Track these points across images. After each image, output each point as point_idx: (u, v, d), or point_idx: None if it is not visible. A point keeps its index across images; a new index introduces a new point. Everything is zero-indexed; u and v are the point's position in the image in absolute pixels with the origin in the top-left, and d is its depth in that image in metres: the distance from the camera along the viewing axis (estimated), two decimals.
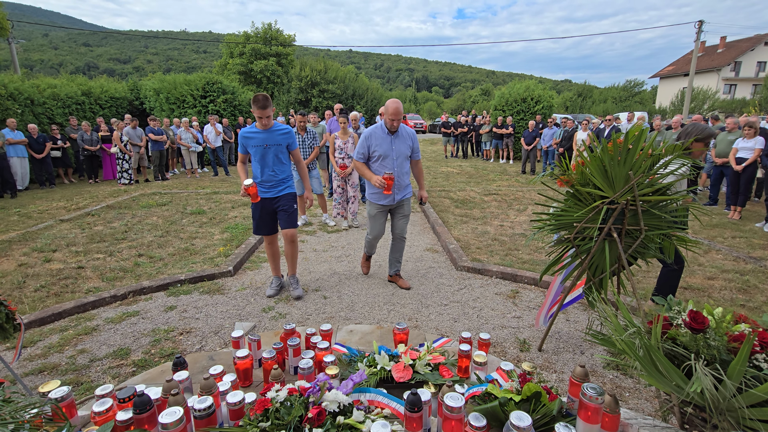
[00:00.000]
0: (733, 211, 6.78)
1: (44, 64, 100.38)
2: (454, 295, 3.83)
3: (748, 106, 24.93)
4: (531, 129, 11.78)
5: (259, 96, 3.31)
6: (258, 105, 3.32)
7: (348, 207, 6.10)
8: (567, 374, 2.63)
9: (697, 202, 2.86)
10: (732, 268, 4.41)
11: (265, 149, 3.50)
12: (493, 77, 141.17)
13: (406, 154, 3.69)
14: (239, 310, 3.55)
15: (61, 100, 11.26)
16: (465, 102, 52.21)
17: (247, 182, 3.27)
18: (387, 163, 3.62)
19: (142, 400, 1.53)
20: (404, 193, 3.78)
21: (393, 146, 3.63)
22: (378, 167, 3.65)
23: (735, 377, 1.29)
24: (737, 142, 6.78)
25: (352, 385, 1.73)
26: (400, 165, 3.65)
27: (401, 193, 3.75)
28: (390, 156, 3.62)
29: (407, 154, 3.71)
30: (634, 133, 2.23)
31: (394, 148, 3.63)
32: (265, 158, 3.53)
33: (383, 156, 3.61)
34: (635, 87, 43.24)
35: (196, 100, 13.45)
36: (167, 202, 7.73)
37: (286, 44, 27.11)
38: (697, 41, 22.76)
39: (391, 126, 3.55)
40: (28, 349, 2.92)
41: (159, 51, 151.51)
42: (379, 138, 3.62)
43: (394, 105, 3.48)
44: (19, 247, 5.06)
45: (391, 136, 3.63)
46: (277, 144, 3.52)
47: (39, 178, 9.48)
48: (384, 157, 3.62)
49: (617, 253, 2.40)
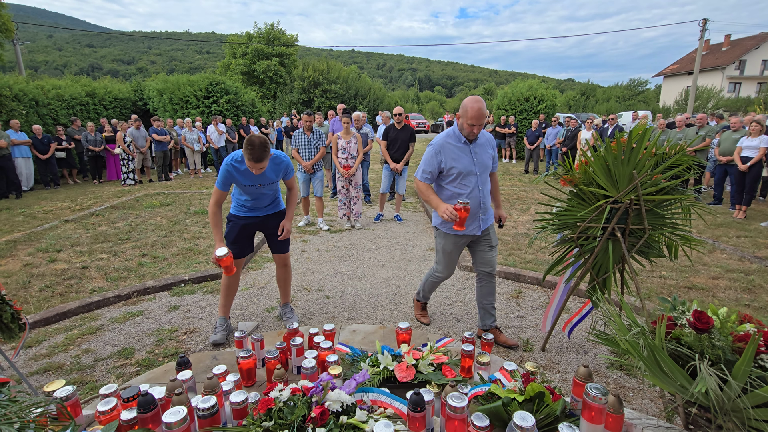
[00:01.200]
0: (738, 210, 6.73)
1: (49, 66, 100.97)
2: (456, 295, 3.83)
3: (753, 105, 24.76)
4: (534, 128, 11.75)
5: (255, 141, 2.49)
6: (253, 156, 2.50)
7: (351, 207, 6.10)
8: (570, 374, 2.63)
9: (701, 201, 2.84)
10: (737, 268, 4.38)
11: (259, 188, 2.86)
12: (495, 76, 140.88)
13: (488, 166, 2.80)
14: (242, 309, 3.56)
15: (65, 101, 11.33)
16: None
17: (221, 252, 2.62)
18: (469, 182, 2.70)
19: (146, 400, 1.54)
20: (489, 218, 2.90)
21: (475, 159, 2.71)
22: (456, 188, 2.72)
23: (740, 377, 1.29)
24: (742, 140, 6.74)
25: (355, 384, 1.73)
26: (483, 182, 2.76)
27: (487, 217, 2.85)
28: (473, 172, 2.70)
29: (490, 166, 2.81)
30: (638, 132, 2.23)
31: (477, 161, 2.71)
32: (256, 196, 2.93)
33: (464, 173, 2.68)
34: (639, 86, 43.07)
35: (200, 100, 13.49)
36: (171, 202, 7.76)
37: (288, 44, 27.16)
38: (702, 39, 22.63)
39: (470, 133, 2.64)
40: (33, 349, 2.94)
41: (162, 52, 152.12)
42: (453, 150, 2.69)
43: (477, 105, 2.53)
44: (24, 247, 5.09)
45: (470, 146, 2.72)
46: (271, 182, 2.88)
47: (44, 178, 9.53)
48: (465, 175, 2.69)
49: (621, 253, 2.39)
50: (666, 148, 2.35)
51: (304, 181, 5.93)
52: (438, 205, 2.61)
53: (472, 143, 2.72)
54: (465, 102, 2.58)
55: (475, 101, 2.54)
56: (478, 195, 2.71)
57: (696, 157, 2.42)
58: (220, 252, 2.64)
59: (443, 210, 2.52)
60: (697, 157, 2.43)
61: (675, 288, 3.90)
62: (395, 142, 6.27)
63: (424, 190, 2.75)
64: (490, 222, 2.90)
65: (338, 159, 5.82)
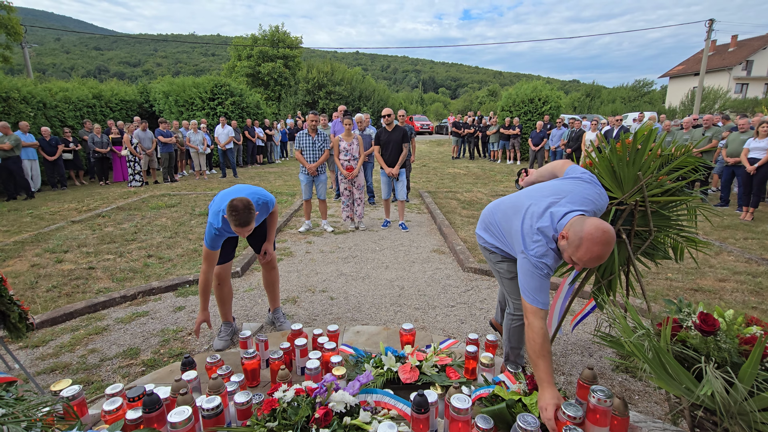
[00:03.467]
0: (745, 212, 6.67)
1: (56, 68, 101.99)
2: (461, 297, 3.82)
3: (761, 106, 24.53)
4: (539, 130, 11.72)
5: (237, 206, 2.29)
6: (240, 222, 2.31)
7: (354, 209, 6.11)
8: (575, 377, 2.61)
9: (707, 203, 2.82)
10: (744, 270, 4.34)
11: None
12: (500, 78, 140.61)
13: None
14: (247, 310, 3.57)
15: (72, 104, 11.44)
16: (472, 103, 52.02)
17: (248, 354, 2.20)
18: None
19: (152, 400, 1.55)
20: None
21: None
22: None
23: (746, 380, 1.28)
24: (749, 142, 6.68)
25: (358, 386, 1.73)
26: None
27: None
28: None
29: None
30: (643, 133, 2.22)
31: None
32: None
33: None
34: (644, 87, 42.81)
35: (205, 102, 13.58)
36: (176, 203, 7.81)
37: (293, 46, 27.28)
38: (708, 40, 22.47)
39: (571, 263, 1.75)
40: (40, 349, 2.96)
41: (168, 54, 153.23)
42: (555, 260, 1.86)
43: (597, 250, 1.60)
44: (31, 248, 5.14)
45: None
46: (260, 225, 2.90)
47: (51, 180, 9.62)
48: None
49: (626, 255, 2.38)
50: (672, 149, 2.33)
51: (307, 184, 5.79)
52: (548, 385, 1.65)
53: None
54: (586, 235, 1.62)
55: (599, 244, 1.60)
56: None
57: (702, 159, 2.41)
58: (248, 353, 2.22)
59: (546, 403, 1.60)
60: (703, 159, 2.42)
61: (681, 290, 3.87)
62: (387, 145, 5.88)
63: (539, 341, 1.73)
64: None
65: (340, 161, 5.80)
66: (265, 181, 10.71)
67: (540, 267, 1.78)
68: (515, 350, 2.41)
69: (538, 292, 1.78)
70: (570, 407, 1.48)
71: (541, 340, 1.72)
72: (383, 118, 5.97)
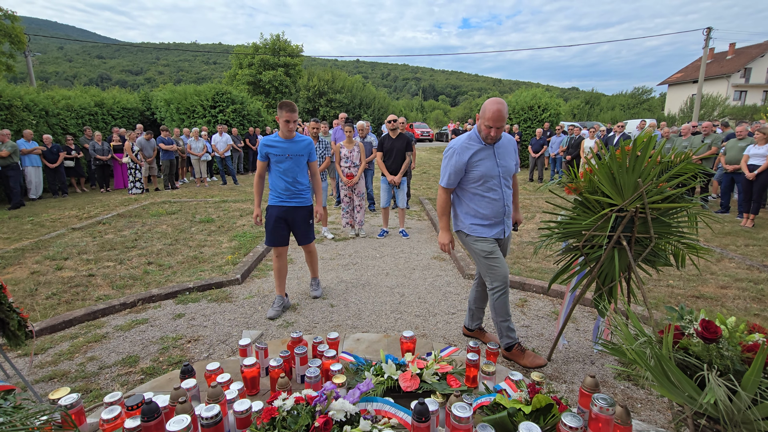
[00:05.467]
0: (745, 219, 6.67)
1: (59, 76, 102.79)
2: (461, 304, 3.80)
3: (760, 113, 24.63)
4: (538, 137, 11.76)
5: (285, 101, 3.39)
6: (288, 108, 3.37)
7: (354, 216, 6.11)
8: (577, 384, 2.59)
9: (707, 209, 2.82)
10: (745, 277, 4.33)
11: (287, 159, 3.48)
12: (499, 85, 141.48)
13: (512, 170, 2.76)
14: (247, 318, 3.56)
15: (74, 111, 11.52)
16: (472, 110, 52.21)
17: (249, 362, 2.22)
18: (493, 185, 2.65)
19: (150, 408, 1.54)
20: (510, 224, 2.85)
21: (498, 161, 2.66)
22: (480, 191, 2.66)
23: (750, 388, 1.27)
24: (748, 148, 6.70)
25: (359, 394, 1.72)
26: (507, 186, 2.74)
27: (510, 222, 2.83)
28: (496, 175, 2.65)
29: (513, 169, 2.77)
30: (643, 140, 2.22)
31: (500, 164, 2.67)
32: (285, 168, 3.50)
33: (487, 176, 2.63)
34: (643, 94, 43.02)
35: (206, 110, 13.66)
36: (176, 210, 7.82)
37: (294, 55, 27.51)
38: (706, 48, 22.65)
39: (487, 136, 2.56)
40: (39, 356, 2.95)
41: (170, 62, 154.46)
42: (474, 152, 2.63)
43: (496, 107, 2.44)
44: (32, 255, 5.14)
45: (493, 148, 2.66)
46: (298, 154, 3.52)
47: (52, 187, 9.65)
48: (488, 178, 2.64)
49: (627, 262, 2.38)
50: (671, 156, 2.34)
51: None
52: (443, 229, 2.83)
53: (494, 145, 2.65)
54: (485, 103, 2.50)
55: (495, 103, 2.45)
56: (502, 198, 2.67)
57: (702, 165, 2.41)
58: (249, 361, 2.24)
59: (443, 241, 2.85)
60: (703, 166, 2.42)
61: (682, 297, 3.86)
62: (390, 153, 5.86)
63: (441, 203, 2.79)
64: (511, 229, 2.84)
65: (341, 168, 5.83)
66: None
67: (448, 153, 2.71)
68: (504, 323, 2.74)
69: (444, 174, 2.73)
70: (570, 417, 1.47)
71: (442, 200, 2.80)
72: (388, 124, 5.92)
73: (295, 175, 3.54)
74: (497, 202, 2.66)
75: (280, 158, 3.48)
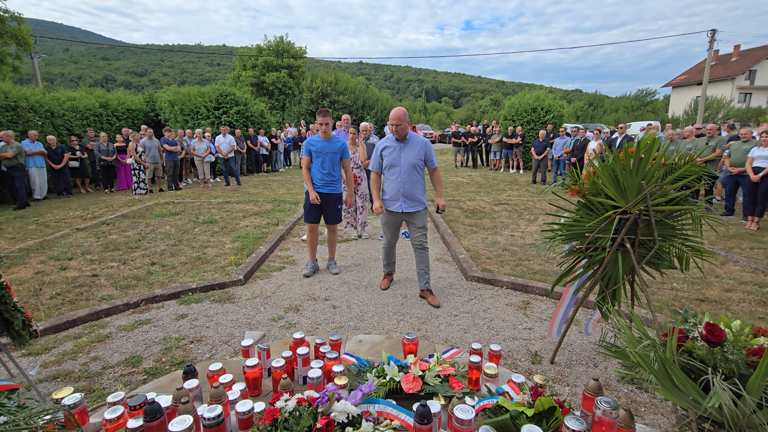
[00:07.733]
0: (750, 222, 6.62)
1: (64, 78, 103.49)
2: (464, 306, 3.80)
3: (765, 115, 24.50)
4: (542, 138, 11.73)
5: (321, 109, 4.29)
6: (320, 114, 4.23)
7: (357, 217, 6.11)
8: (580, 388, 2.58)
9: (712, 212, 2.81)
10: (750, 280, 4.30)
11: (324, 155, 4.29)
12: (502, 87, 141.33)
13: (413, 163, 3.70)
14: (249, 319, 3.57)
15: (79, 112, 11.59)
16: (475, 112, 52.23)
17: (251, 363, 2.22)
18: (393, 172, 3.72)
19: (153, 408, 1.54)
20: (417, 204, 3.79)
21: (402, 155, 3.70)
22: (387, 175, 3.82)
23: (755, 392, 1.26)
24: (753, 151, 6.66)
25: (361, 395, 1.72)
26: (407, 173, 3.69)
27: (413, 203, 3.77)
28: (397, 164, 3.70)
29: (414, 162, 3.70)
30: (647, 142, 2.21)
31: (402, 156, 3.69)
32: (322, 162, 4.32)
33: (390, 165, 3.74)
34: (647, 96, 42.85)
35: (210, 111, 13.71)
36: (180, 211, 7.85)
37: (297, 56, 27.61)
38: (710, 50, 22.54)
39: (393, 132, 3.67)
40: (43, 356, 2.96)
41: (174, 64, 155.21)
42: (387, 148, 3.76)
43: (394, 109, 3.63)
44: (36, 255, 5.17)
45: (401, 145, 3.71)
46: (333, 152, 4.33)
47: (57, 187, 9.71)
48: (391, 166, 3.74)
49: (630, 264, 2.37)
50: (675, 158, 2.33)
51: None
52: (375, 199, 3.86)
53: (404, 143, 3.70)
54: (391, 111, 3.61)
55: (396, 109, 3.60)
56: (400, 182, 3.69)
57: (706, 168, 2.40)
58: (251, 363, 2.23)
59: (376, 206, 3.82)
60: (707, 168, 2.41)
61: (687, 300, 3.84)
62: None
63: (374, 179, 3.89)
64: (419, 208, 3.79)
65: None
66: (269, 189, 10.76)
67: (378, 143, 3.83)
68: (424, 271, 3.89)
69: (372, 162, 3.86)
70: (573, 420, 1.46)
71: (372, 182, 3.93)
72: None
73: (329, 168, 4.35)
74: (394, 185, 3.73)
75: (318, 154, 4.31)
